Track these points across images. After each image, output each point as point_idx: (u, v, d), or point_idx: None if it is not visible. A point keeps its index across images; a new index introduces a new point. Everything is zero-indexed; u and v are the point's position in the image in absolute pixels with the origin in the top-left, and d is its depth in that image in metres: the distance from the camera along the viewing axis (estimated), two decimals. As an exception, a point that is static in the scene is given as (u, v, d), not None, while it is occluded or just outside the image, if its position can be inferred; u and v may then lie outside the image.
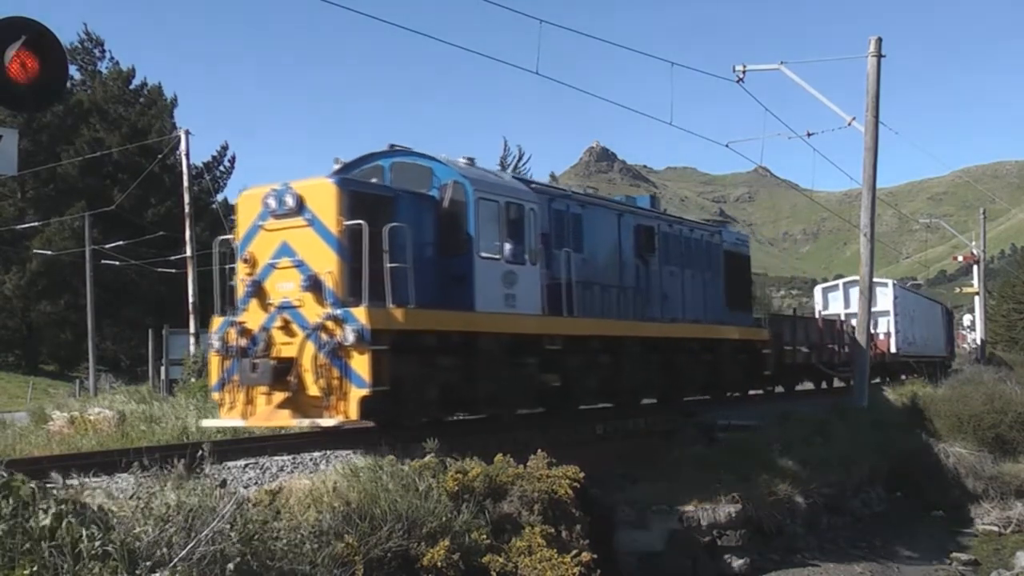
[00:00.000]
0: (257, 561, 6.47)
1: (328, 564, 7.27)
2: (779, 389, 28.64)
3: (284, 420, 11.73)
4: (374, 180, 13.94)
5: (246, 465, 9.91)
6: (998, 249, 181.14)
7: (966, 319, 62.40)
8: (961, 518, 18.33)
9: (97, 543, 5.60)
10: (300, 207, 11.99)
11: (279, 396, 11.63)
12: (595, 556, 9.74)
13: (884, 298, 36.89)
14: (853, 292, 36.44)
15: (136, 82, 60.38)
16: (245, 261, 12.38)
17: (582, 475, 11.34)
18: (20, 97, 8.05)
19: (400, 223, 12.17)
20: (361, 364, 11.14)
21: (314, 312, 11.64)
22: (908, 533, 16.99)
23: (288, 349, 11.73)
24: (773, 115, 36.78)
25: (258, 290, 12.17)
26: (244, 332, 12.01)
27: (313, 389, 11.33)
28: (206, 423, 13.36)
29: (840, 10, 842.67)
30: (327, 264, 11.79)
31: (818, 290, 41.57)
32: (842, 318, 35.55)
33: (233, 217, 13.21)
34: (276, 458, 10.66)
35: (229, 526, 6.35)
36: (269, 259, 12.25)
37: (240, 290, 12.41)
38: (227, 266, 12.96)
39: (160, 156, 42.90)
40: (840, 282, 39.88)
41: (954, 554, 15.43)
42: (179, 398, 19.18)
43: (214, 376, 12.41)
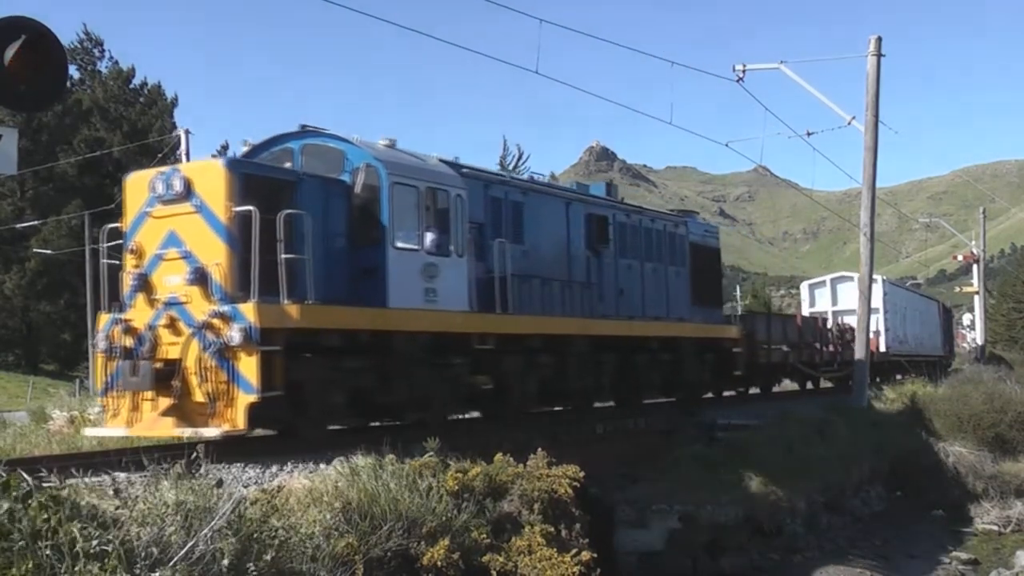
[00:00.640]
0: (256, 560, 6.47)
1: (328, 563, 7.26)
2: (754, 390, 27.35)
3: (167, 429, 10.67)
4: (287, 165, 12.78)
5: (246, 464, 9.89)
6: (998, 248, 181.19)
7: (966, 318, 62.37)
8: (961, 518, 18.33)
9: (95, 542, 5.59)
10: (188, 192, 10.87)
11: (164, 402, 10.52)
12: (595, 555, 9.73)
13: (873, 294, 35.89)
14: (841, 288, 35.95)
15: (136, 81, 60.58)
16: (132, 252, 11.28)
17: (582, 475, 11.33)
18: (20, 97, 8.04)
19: (302, 210, 11.17)
20: (249, 367, 10.10)
21: (200, 309, 10.58)
22: (908, 533, 17.00)
23: (174, 350, 10.63)
24: (773, 115, 36.69)
25: (145, 284, 11.09)
26: (130, 331, 10.89)
27: (198, 394, 10.30)
28: (89, 431, 12.48)
29: (840, 10, 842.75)
30: (215, 255, 10.72)
31: (804, 286, 39.77)
32: (829, 315, 34.63)
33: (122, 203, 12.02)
34: (276, 457, 10.64)
35: (227, 525, 6.34)
36: (156, 250, 11.14)
37: (126, 284, 11.27)
38: (111, 260, 11.89)
39: (160, 156, 42.89)
40: (827, 278, 38.28)
41: (954, 553, 15.43)
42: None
43: (99, 379, 11.25)
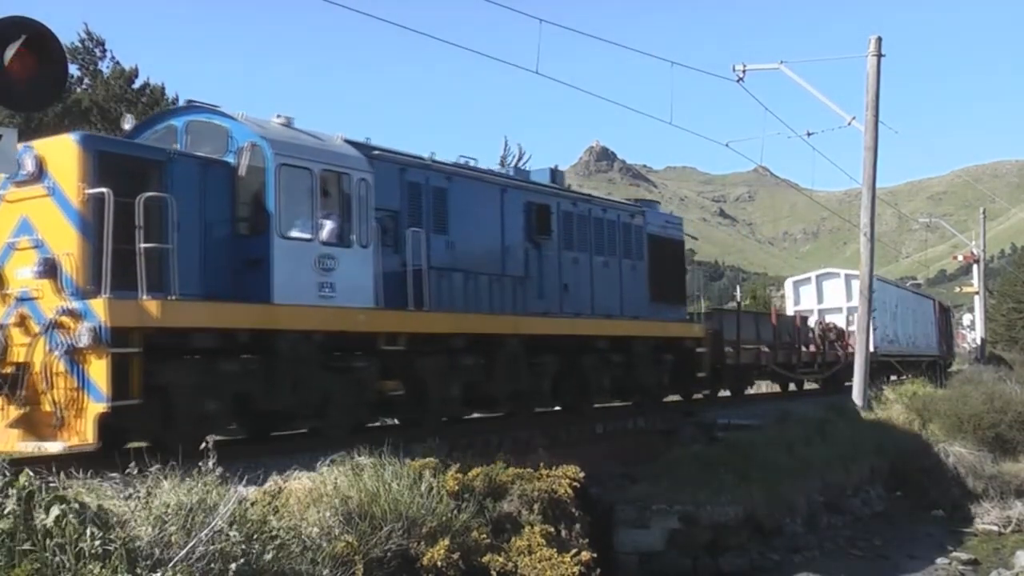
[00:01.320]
0: (256, 560, 6.48)
1: (328, 563, 7.27)
2: (724, 393, 25.54)
3: (11, 443, 9.50)
4: (175, 146, 11.60)
5: (247, 464, 9.89)
6: (998, 248, 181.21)
7: (966, 318, 62.36)
8: (961, 518, 18.32)
9: (97, 542, 5.61)
10: (40, 172, 9.86)
11: (13, 412, 9.49)
12: (595, 555, 9.74)
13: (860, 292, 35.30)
14: (827, 285, 34.70)
15: (139, 82, 60.43)
16: None
17: (582, 475, 11.35)
18: (20, 97, 8.05)
19: (173, 193, 10.16)
20: (99, 372, 9.06)
21: (50, 305, 9.54)
22: (908, 533, 17.00)
23: (24, 352, 9.59)
24: (773, 115, 36.75)
25: None
26: None
27: (45, 403, 9.27)
28: None
29: (840, 10, 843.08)
30: (66, 244, 9.70)
31: (789, 283, 37.80)
32: (815, 313, 33.25)
33: None
34: (276, 457, 10.65)
35: (228, 525, 6.36)
36: (9, 238, 10.12)
37: None
38: None
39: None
40: (812, 275, 36.51)
41: (954, 554, 15.42)
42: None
43: None
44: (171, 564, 5.88)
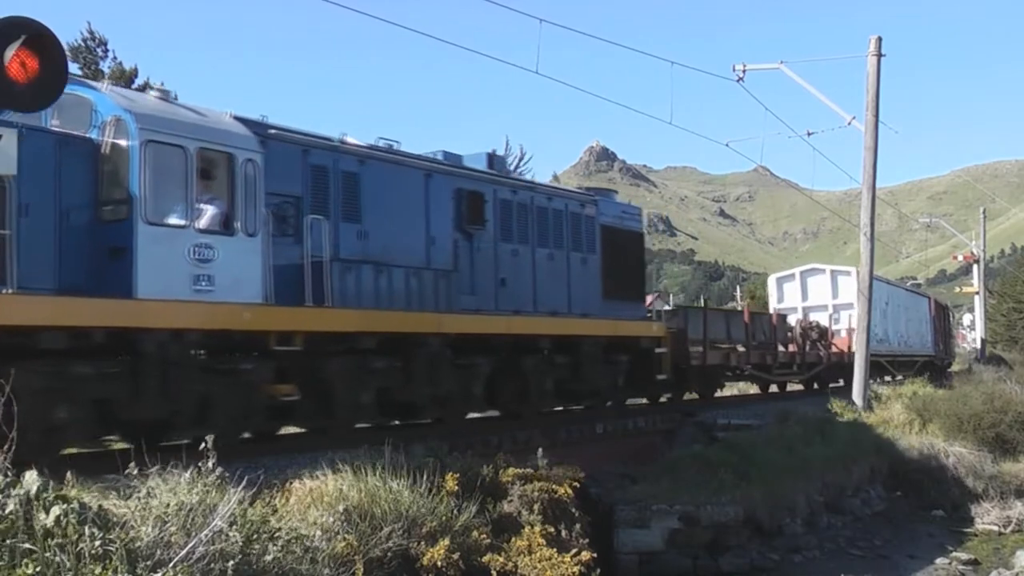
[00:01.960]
0: (257, 560, 6.49)
1: (328, 563, 7.27)
2: (692, 396, 23.68)
3: None
4: (55, 124, 10.48)
5: (247, 464, 9.91)
6: (998, 248, 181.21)
7: (966, 318, 62.39)
8: (961, 518, 18.34)
9: (98, 543, 5.61)
10: None
11: None
12: (595, 555, 9.75)
13: (847, 288, 32.07)
14: (812, 282, 33.24)
15: (139, 82, 60.53)
16: None
17: (582, 475, 11.37)
18: (20, 97, 8.06)
19: (20, 173, 9.20)
20: None
21: None
22: (908, 533, 17.02)
23: None
24: (773, 114, 36.79)
25: None
26: None
27: None
28: None
29: (840, 10, 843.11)
30: None
31: (772, 280, 35.77)
32: (799, 311, 32.00)
33: None
34: (276, 457, 10.66)
35: (228, 525, 6.36)
36: None
37: None
38: None
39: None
40: (796, 271, 34.86)
41: (954, 554, 15.44)
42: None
43: None
44: (171, 564, 5.89)
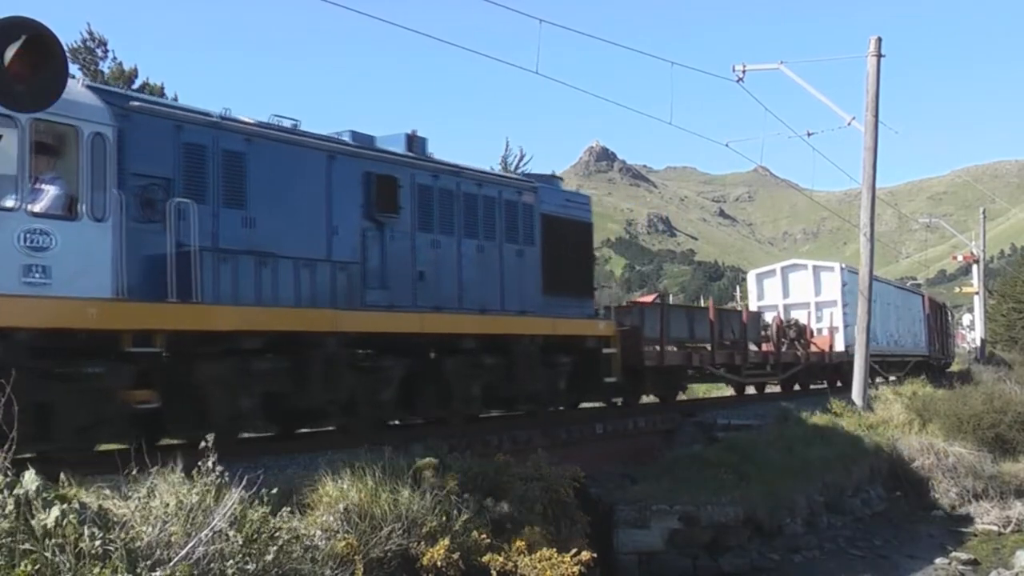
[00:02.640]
0: (257, 560, 6.49)
1: (328, 563, 7.28)
2: (651, 398, 22.15)
3: None
4: None
5: (247, 464, 9.92)
6: (998, 249, 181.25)
7: (966, 318, 62.35)
8: (961, 518, 18.34)
9: (97, 543, 5.61)
10: None
11: None
12: (595, 555, 9.75)
13: (830, 285, 30.90)
14: (793, 278, 31.68)
15: (139, 82, 60.53)
16: None
17: (582, 475, 11.37)
18: (20, 97, 8.06)
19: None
20: None
21: None
22: (908, 533, 17.01)
23: None
24: (773, 115, 36.87)
25: None
26: None
27: None
28: None
29: (840, 10, 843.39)
30: None
31: (751, 276, 33.78)
32: (780, 309, 30.47)
33: None
34: (277, 457, 10.67)
35: (228, 525, 6.37)
36: None
37: None
38: None
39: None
40: (777, 266, 33.06)
41: (954, 554, 15.43)
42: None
43: None
44: (171, 564, 5.89)
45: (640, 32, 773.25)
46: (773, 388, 28.98)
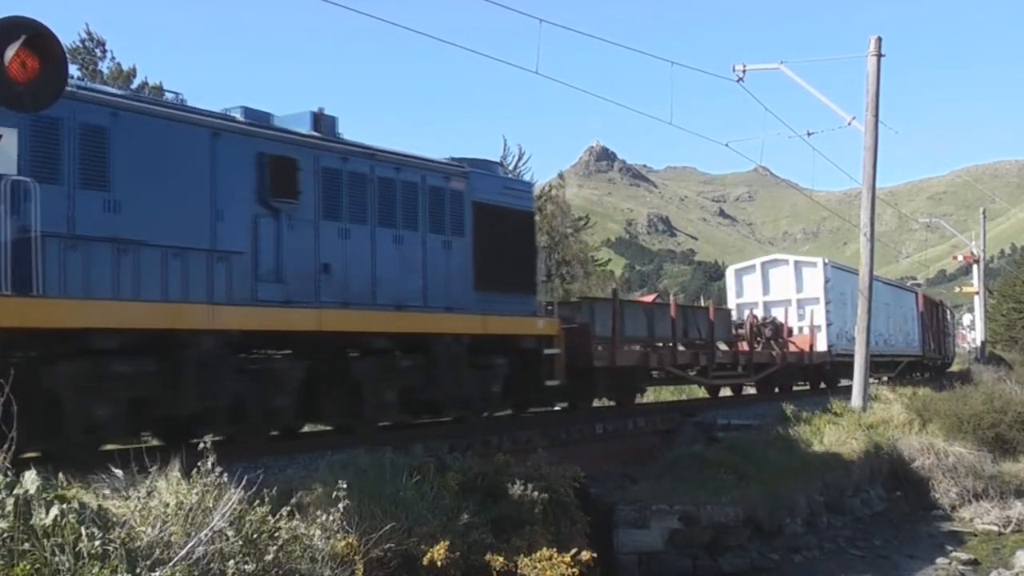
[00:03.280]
0: (257, 560, 6.48)
1: (328, 563, 7.27)
2: (605, 402, 20.48)
3: None
4: None
5: (247, 464, 9.92)
6: (998, 249, 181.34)
7: (966, 318, 62.31)
8: (961, 518, 18.35)
9: (97, 542, 5.61)
10: None
11: None
12: (595, 555, 9.75)
13: (813, 281, 29.39)
14: (774, 274, 30.33)
15: (137, 81, 60.58)
16: None
17: (582, 475, 11.36)
18: (20, 97, 8.05)
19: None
20: None
21: None
22: (908, 533, 17.01)
23: None
24: (773, 115, 36.81)
25: None
26: None
27: None
28: None
29: (840, 10, 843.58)
30: None
31: (730, 272, 32.10)
32: (760, 306, 29.13)
33: None
34: (277, 457, 10.67)
35: (228, 525, 6.36)
36: None
37: None
38: None
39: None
40: (757, 262, 31.34)
41: (954, 554, 15.44)
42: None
43: None
44: (171, 564, 5.89)
45: (640, 32, 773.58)
46: (750, 390, 27.57)
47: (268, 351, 12.55)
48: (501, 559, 9.02)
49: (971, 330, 57.30)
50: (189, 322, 10.65)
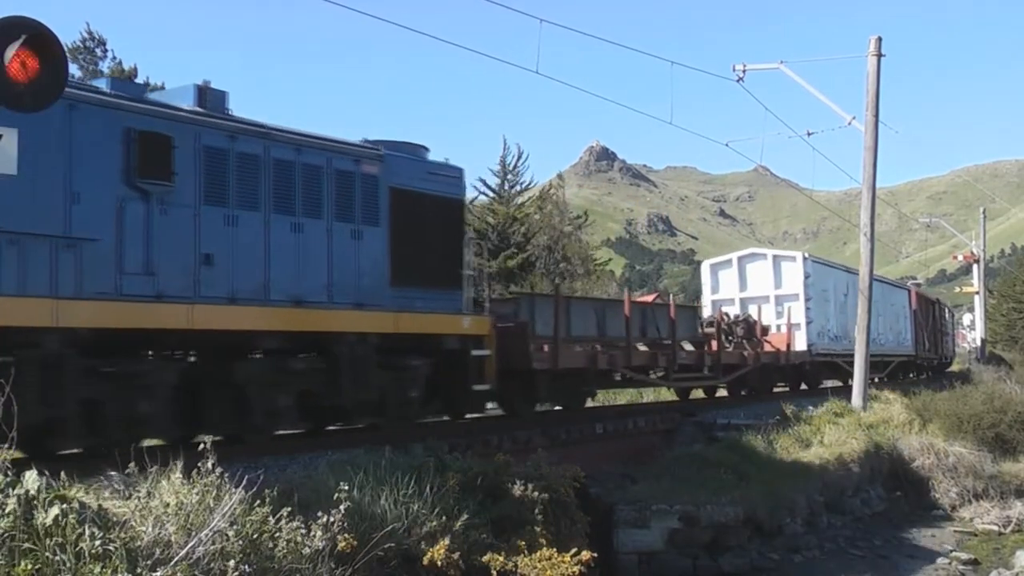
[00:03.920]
0: (257, 560, 6.49)
1: (328, 563, 7.28)
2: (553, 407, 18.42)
3: None
4: None
5: (247, 464, 9.92)
6: (998, 248, 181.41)
7: (966, 318, 62.32)
8: (961, 518, 18.37)
9: (98, 542, 5.62)
10: None
11: None
12: (595, 555, 9.75)
13: (792, 276, 27.65)
14: (752, 269, 28.56)
15: (138, 81, 60.63)
16: None
17: (582, 475, 11.37)
18: (20, 97, 8.05)
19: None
20: None
21: None
22: (908, 533, 17.01)
23: None
24: (773, 114, 36.84)
25: None
26: None
27: None
28: None
29: (840, 10, 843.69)
30: None
31: (705, 267, 30.20)
32: (736, 303, 27.59)
33: None
34: (277, 457, 10.67)
35: (228, 525, 6.37)
36: None
37: None
38: None
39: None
40: (733, 256, 29.53)
41: (954, 553, 15.45)
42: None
43: None
44: (171, 564, 5.89)
45: (640, 32, 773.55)
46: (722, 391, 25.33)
47: (152, 353, 11.07)
48: (501, 559, 9.02)
49: (971, 330, 57.28)
50: (24, 318, 9.22)
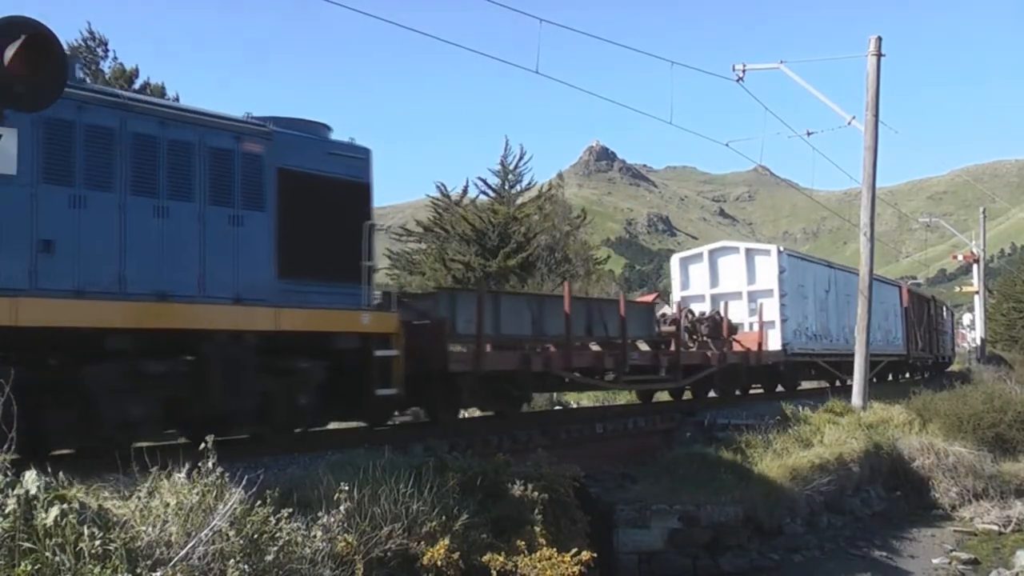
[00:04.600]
0: (257, 560, 6.49)
1: (328, 563, 7.28)
2: (473, 413, 17.43)
3: None
4: None
5: (247, 464, 9.92)
6: (998, 248, 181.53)
7: (966, 318, 62.33)
8: (961, 518, 18.37)
9: (98, 542, 5.62)
10: None
11: None
12: (595, 555, 9.75)
13: (766, 271, 25.87)
14: (723, 263, 26.84)
15: (139, 82, 60.59)
16: None
17: (582, 475, 11.37)
18: (20, 97, 8.05)
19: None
20: None
21: None
22: (908, 533, 17.02)
23: None
24: (773, 114, 36.82)
25: None
26: None
27: None
28: None
29: (840, 10, 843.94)
30: None
31: (675, 261, 28.40)
32: (707, 300, 26.02)
33: None
34: (276, 457, 10.67)
35: (228, 525, 6.37)
36: None
37: None
38: None
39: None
40: (704, 250, 27.66)
41: (954, 553, 15.45)
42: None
43: None
44: (171, 564, 5.90)
45: (640, 32, 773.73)
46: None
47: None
48: (501, 559, 9.02)
49: (971, 330, 57.28)
50: None
